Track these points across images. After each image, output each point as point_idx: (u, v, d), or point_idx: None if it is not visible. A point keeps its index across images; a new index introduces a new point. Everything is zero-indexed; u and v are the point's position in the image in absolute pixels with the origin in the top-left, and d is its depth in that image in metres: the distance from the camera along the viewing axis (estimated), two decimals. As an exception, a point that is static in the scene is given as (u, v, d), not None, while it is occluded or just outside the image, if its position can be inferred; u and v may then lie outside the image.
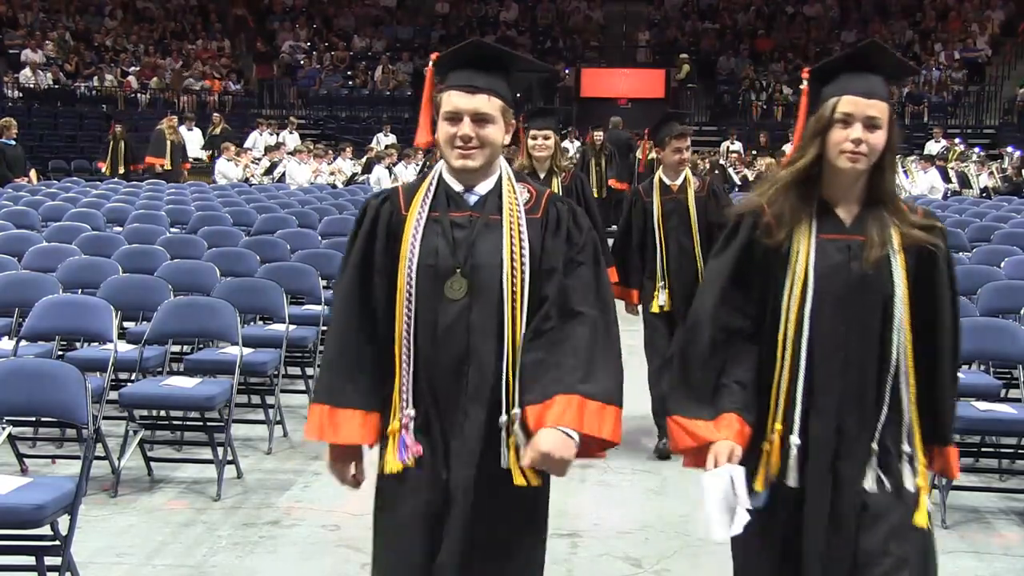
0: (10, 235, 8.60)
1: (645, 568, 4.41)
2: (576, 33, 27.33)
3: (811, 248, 2.54)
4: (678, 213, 5.94)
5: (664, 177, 6.01)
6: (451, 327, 2.57)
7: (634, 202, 6.11)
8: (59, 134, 22.20)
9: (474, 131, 2.59)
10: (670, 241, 5.94)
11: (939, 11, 27.02)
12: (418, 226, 2.62)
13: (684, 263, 5.90)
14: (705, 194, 5.97)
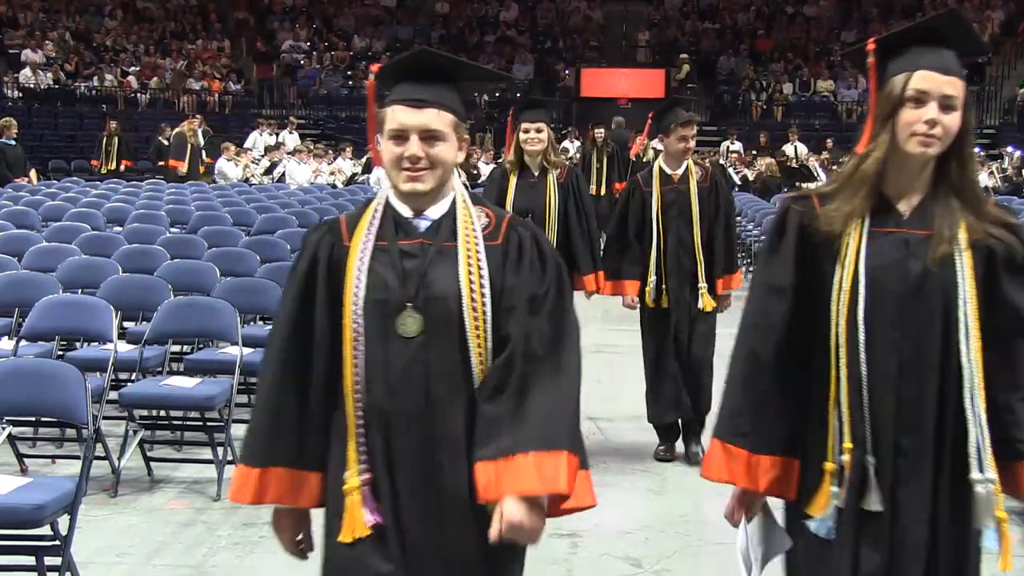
0: (10, 235, 8.60)
1: (645, 568, 4.41)
2: (576, 33, 27.33)
3: (862, 241, 2.26)
4: (679, 204, 5.66)
5: (665, 166, 5.73)
6: (406, 367, 2.29)
7: (632, 191, 5.80)
8: (59, 134, 22.21)
9: (423, 150, 2.32)
10: (669, 234, 5.66)
11: (939, 11, 26.98)
12: (363, 257, 2.34)
13: (683, 258, 5.65)
14: (708, 185, 5.70)
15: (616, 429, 6.34)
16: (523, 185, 5.69)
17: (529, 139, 5.64)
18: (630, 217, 5.73)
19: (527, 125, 5.63)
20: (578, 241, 5.72)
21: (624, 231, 5.76)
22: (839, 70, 25.46)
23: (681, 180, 5.70)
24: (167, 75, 24.72)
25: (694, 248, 5.65)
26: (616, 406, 6.73)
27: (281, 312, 2.44)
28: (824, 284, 2.29)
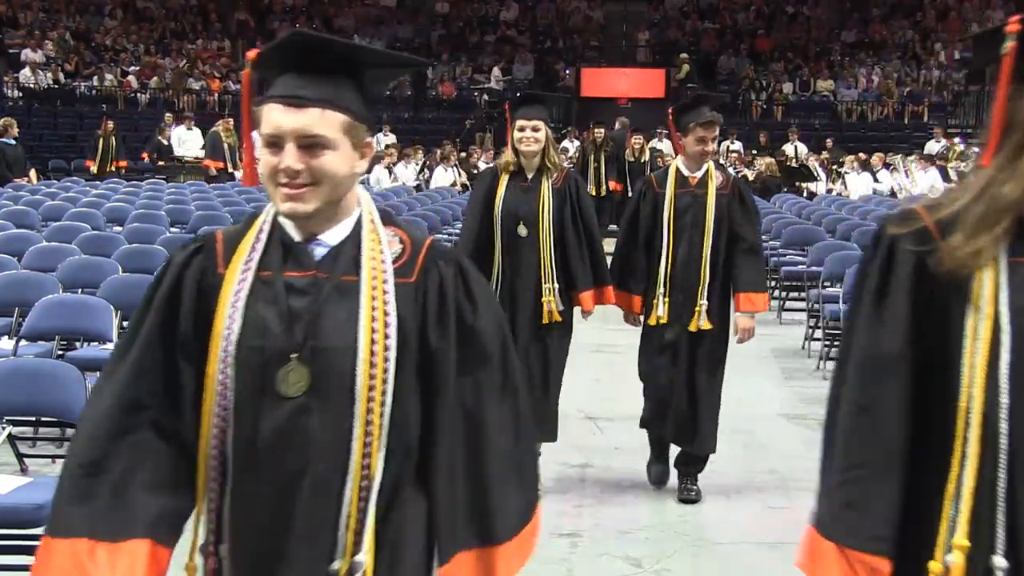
0: (10, 235, 8.60)
1: (645, 568, 4.41)
2: (576, 33, 27.33)
3: (1001, 276, 1.67)
4: (694, 210, 5.03)
5: (682, 167, 5.10)
6: (281, 436, 1.83)
7: (644, 192, 5.19)
8: (59, 134, 22.20)
9: (302, 161, 1.82)
10: (680, 241, 5.04)
11: (939, 11, 27.03)
12: (240, 290, 1.86)
13: (690, 269, 5.03)
14: (729, 193, 5.06)
15: (616, 428, 6.33)
16: (514, 188, 5.08)
17: (524, 138, 5.02)
18: (640, 221, 5.16)
19: (523, 123, 5.02)
20: (575, 255, 5.10)
21: (633, 236, 5.20)
22: (839, 70, 25.47)
23: (699, 184, 5.07)
24: (167, 75, 24.73)
25: (702, 261, 5.03)
26: (616, 405, 6.73)
27: (123, 351, 1.91)
28: (949, 336, 1.70)
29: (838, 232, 10.27)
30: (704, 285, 5.03)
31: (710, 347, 5.09)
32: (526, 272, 5.07)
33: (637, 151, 15.28)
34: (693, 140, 5.02)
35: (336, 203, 1.88)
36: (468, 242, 5.10)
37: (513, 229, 5.07)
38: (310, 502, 1.83)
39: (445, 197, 14.51)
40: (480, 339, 1.91)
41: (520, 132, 5.04)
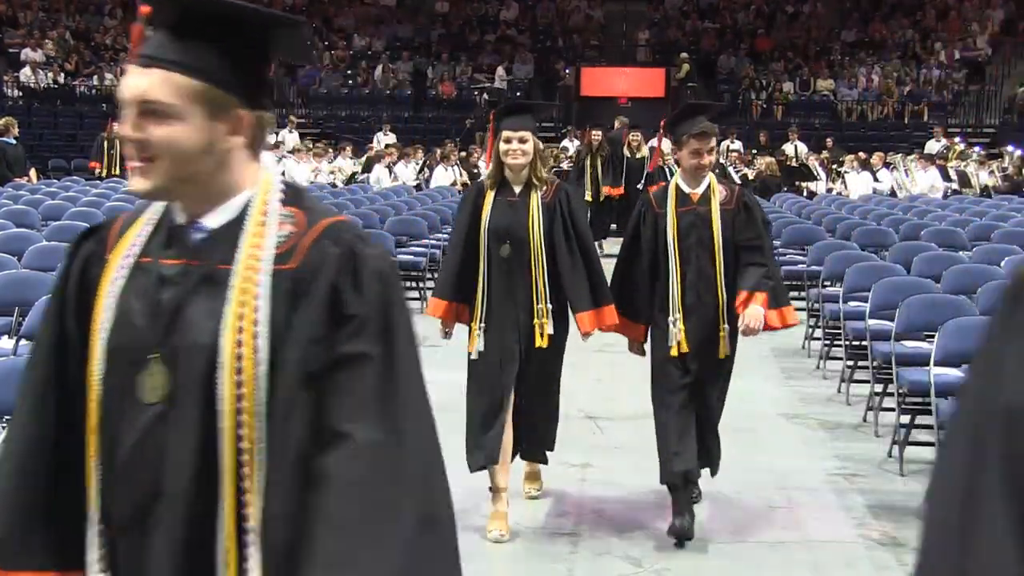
0: (10, 234, 8.60)
1: (645, 567, 4.41)
2: (576, 32, 27.33)
3: None
4: (698, 230, 4.64)
5: (682, 183, 4.70)
6: (136, 450, 1.57)
7: (643, 213, 4.78)
8: (59, 133, 22.22)
9: (140, 131, 1.58)
10: (687, 265, 4.64)
11: (939, 10, 27.03)
12: (117, 279, 1.63)
13: (703, 294, 4.63)
14: (733, 207, 4.67)
15: (616, 428, 6.33)
16: (501, 204, 4.68)
17: (511, 151, 4.61)
18: (642, 244, 4.77)
19: (508, 134, 4.61)
20: (568, 274, 4.67)
21: (634, 261, 4.82)
22: (839, 69, 25.47)
23: (701, 201, 4.68)
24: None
25: (716, 283, 4.62)
26: (616, 405, 6.73)
27: (35, 350, 1.77)
28: None
29: (838, 232, 10.27)
30: (723, 310, 4.62)
31: (725, 367, 4.74)
32: (513, 293, 4.66)
33: (635, 147, 14.70)
34: (688, 153, 4.64)
35: (198, 182, 1.60)
36: (454, 263, 4.75)
37: (496, 248, 4.66)
38: (167, 530, 1.54)
39: (445, 196, 14.50)
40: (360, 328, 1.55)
41: (506, 144, 4.63)
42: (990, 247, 8.82)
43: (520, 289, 4.65)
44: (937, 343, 5.39)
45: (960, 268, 7.41)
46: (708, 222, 4.64)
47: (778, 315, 4.73)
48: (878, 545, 4.66)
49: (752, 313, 4.57)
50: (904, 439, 5.69)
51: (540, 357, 4.71)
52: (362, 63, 26.21)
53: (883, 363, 6.20)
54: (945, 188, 16.46)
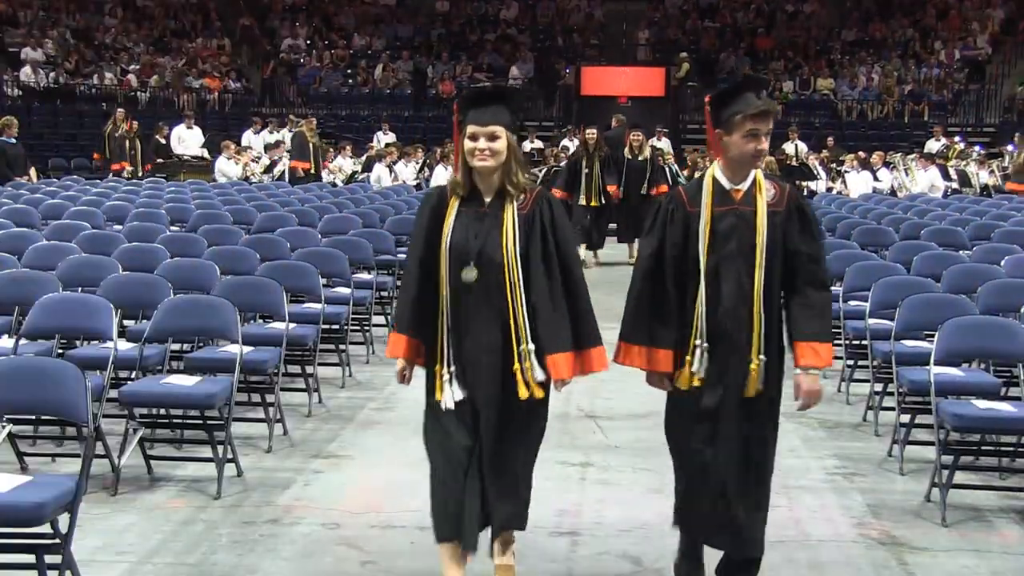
0: (10, 233, 8.61)
1: (645, 567, 4.40)
2: (576, 31, 27.33)
3: None
4: (739, 234, 3.72)
5: (722, 176, 3.80)
6: None
7: (671, 212, 3.83)
8: (59, 132, 22.22)
9: None
10: (723, 278, 3.73)
11: (939, 9, 27.02)
12: None
13: (739, 314, 3.71)
14: (784, 210, 3.76)
15: (616, 427, 6.33)
16: (468, 216, 3.76)
17: (477, 151, 3.69)
18: (667, 250, 3.80)
19: (475, 129, 3.69)
20: (544, 303, 3.72)
21: (658, 271, 3.81)
22: (839, 68, 25.46)
23: (745, 199, 3.76)
24: (167, 73, 24.72)
25: (753, 303, 3.72)
26: (616, 405, 6.73)
27: None
28: None
29: (838, 231, 10.26)
30: (760, 334, 3.73)
31: (765, 415, 3.80)
32: (480, 331, 3.73)
33: (636, 148, 13.77)
34: (741, 138, 3.69)
35: None
36: (414, 289, 3.80)
37: (459, 271, 3.74)
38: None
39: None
40: None
41: (471, 142, 3.70)
42: (990, 246, 8.81)
43: (490, 325, 3.71)
44: (937, 343, 5.38)
45: (960, 267, 7.41)
46: (752, 226, 3.72)
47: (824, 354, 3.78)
48: (878, 544, 4.66)
49: (808, 388, 3.75)
50: (904, 438, 5.69)
51: (521, 412, 3.74)
52: (362, 62, 26.21)
53: (883, 362, 6.20)
54: (945, 187, 16.45)
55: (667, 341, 3.81)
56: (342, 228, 9.73)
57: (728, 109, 3.73)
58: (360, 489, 5.34)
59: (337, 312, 7.30)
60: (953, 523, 4.89)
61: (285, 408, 6.32)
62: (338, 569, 4.35)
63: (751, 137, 3.69)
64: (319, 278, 7.23)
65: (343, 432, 6.27)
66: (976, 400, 5.25)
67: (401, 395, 6.90)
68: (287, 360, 6.41)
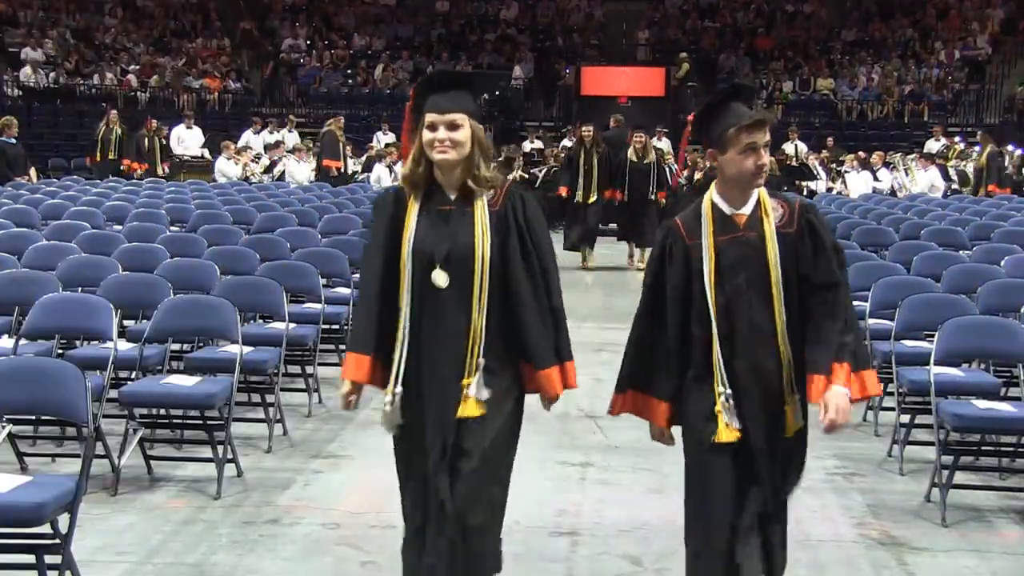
0: (10, 233, 8.60)
1: (645, 567, 4.40)
2: (576, 31, 27.34)
3: None
4: (748, 265, 3.28)
5: (721, 201, 3.33)
6: None
7: (668, 247, 3.37)
8: (59, 132, 22.22)
9: None
10: (734, 315, 3.28)
11: (939, 9, 27.02)
12: None
13: (759, 354, 3.28)
14: (795, 231, 3.30)
15: (616, 428, 6.33)
16: (430, 216, 3.33)
17: (437, 141, 3.26)
18: (669, 290, 3.37)
19: (434, 118, 3.26)
20: (530, 311, 3.33)
21: (657, 312, 3.40)
22: (839, 68, 25.46)
23: (750, 224, 3.31)
24: (167, 73, 24.72)
25: (775, 338, 3.28)
26: (616, 405, 6.72)
27: None
28: None
29: (838, 231, 10.25)
30: (791, 371, 3.30)
31: (792, 452, 3.39)
32: (449, 344, 3.29)
33: (640, 150, 13.24)
34: (738, 154, 3.25)
35: None
36: (374, 302, 3.36)
37: (426, 279, 3.29)
38: None
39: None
40: None
41: (430, 132, 3.26)
42: (990, 246, 8.81)
43: (460, 336, 3.29)
44: (937, 343, 5.38)
45: (960, 267, 7.41)
46: (762, 254, 3.28)
47: (858, 383, 3.37)
48: (878, 544, 4.66)
49: (836, 403, 3.26)
50: (904, 438, 5.69)
51: (475, 438, 3.27)
52: (362, 62, 26.21)
53: (883, 362, 6.19)
54: (945, 188, 16.46)
55: (662, 392, 3.39)
56: (342, 228, 9.73)
57: (718, 125, 3.31)
58: (360, 489, 5.35)
59: (337, 312, 7.30)
60: (953, 523, 4.89)
61: (285, 408, 6.31)
62: (338, 569, 4.35)
63: (749, 152, 3.24)
64: (319, 278, 7.24)
65: (343, 432, 6.27)
66: (976, 400, 5.25)
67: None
68: (287, 360, 6.42)
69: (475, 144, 3.32)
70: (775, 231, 3.31)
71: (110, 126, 18.02)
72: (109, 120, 18.14)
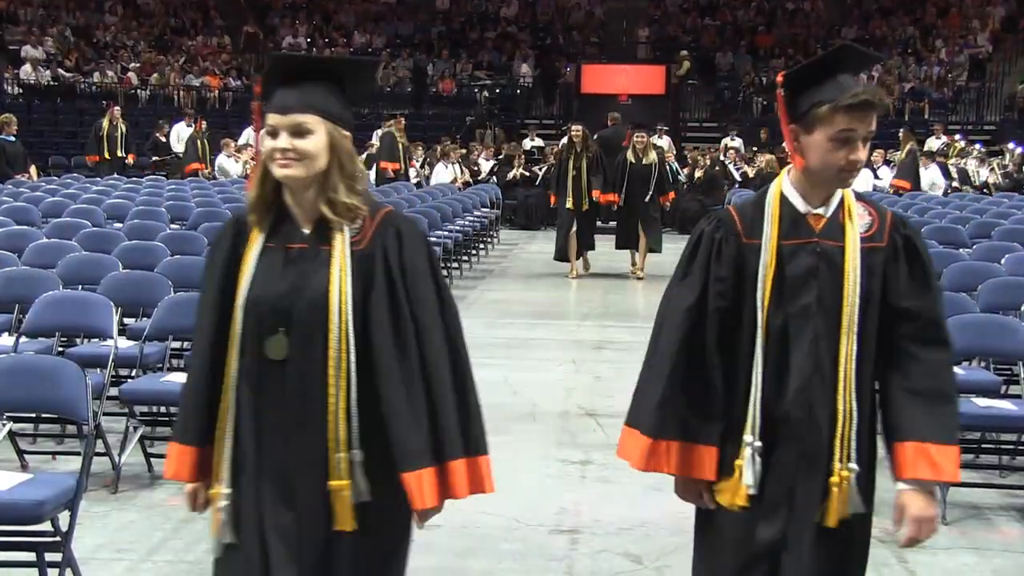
0: (10, 231, 8.61)
1: (645, 565, 4.41)
2: (576, 29, 27.33)
3: None
4: (820, 281, 2.54)
5: (794, 194, 2.60)
6: None
7: (718, 243, 2.61)
8: (59, 130, 22.22)
9: None
10: (793, 344, 2.54)
11: (940, 7, 27.02)
12: None
13: (817, 401, 2.51)
14: (886, 247, 2.57)
15: (616, 426, 6.32)
16: (276, 256, 2.45)
17: (278, 152, 2.38)
18: (711, 302, 2.59)
19: (275, 120, 2.40)
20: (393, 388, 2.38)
21: (696, 333, 2.58)
22: (840, 66, 25.42)
23: (828, 230, 2.57)
24: (167, 71, 24.72)
25: (839, 381, 2.51)
26: (616, 403, 6.72)
27: None
28: None
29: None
30: (848, 430, 2.51)
31: (846, 552, 2.58)
32: (292, 432, 2.40)
33: (640, 151, 12.32)
34: (827, 140, 2.49)
35: None
36: (199, 371, 2.49)
37: (261, 342, 2.41)
38: None
39: (446, 194, 14.54)
40: None
41: (271, 139, 2.39)
42: (990, 244, 8.81)
43: (307, 423, 2.39)
44: (937, 340, 5.36)
45: (961, 265, 7.41)
46: (839, 269, 2.54)
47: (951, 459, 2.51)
48: (878, 543, 4.64)
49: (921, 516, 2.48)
50: (904, 436, 5.68)
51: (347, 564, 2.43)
52: (362, 60, 26.21)
53: (883, 360, 6.18)
54: (946, 185, 16.46)
55: (710, 435, 2.58)
56: (342, 226, 9.72)
57: (809, 95, 2.53)
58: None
59: (337, 310, 7.28)
60: (953, 521, 4.89)
61: (285, 406, 6.30)
62: (338, 567, 4.34)
63: (841, 142, 2.48)
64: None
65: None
66: (976, 398, 5.25)
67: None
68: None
69: (333, 157, 2.42)
70: (859, 242, 2.56)
71: (113, 122, 17.99)
72: (112, 116, 18.11)
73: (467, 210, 13.94)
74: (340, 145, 2.43)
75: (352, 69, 2.58)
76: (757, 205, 2.64)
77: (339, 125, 2.44)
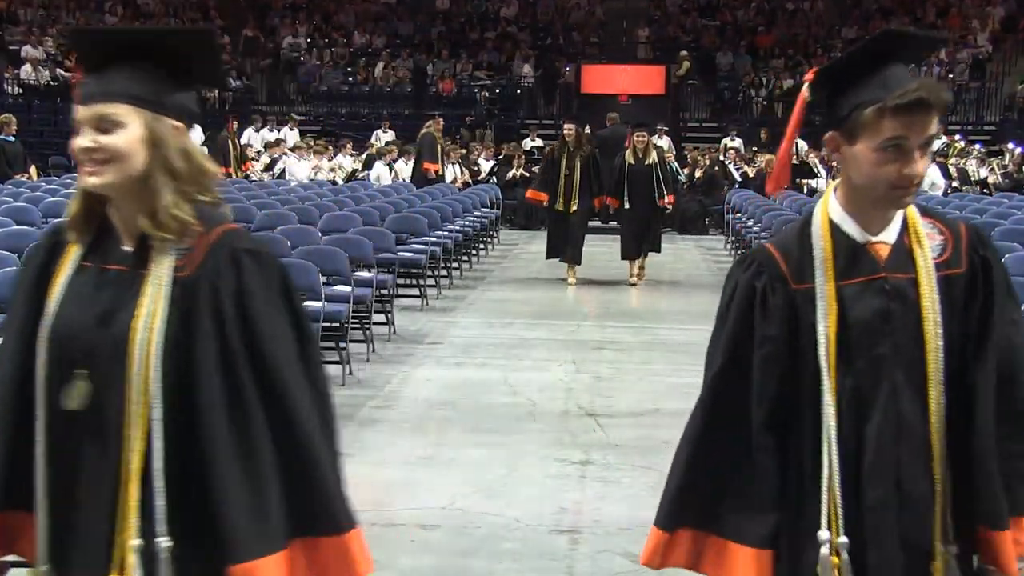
0: (10, 231, 8.60)
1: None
2: (576, 29, 27.34)
3: None
4: (895, 326, 2.01)
5: (845, 219, 2.09)
6: None
7: (761, 293, 2.07)
8: (59, 130, 22.19)
9: None
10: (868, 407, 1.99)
11: (940, 7, 27.04)
12: None
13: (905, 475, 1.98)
14: (965, 271, 2.05)
15: (616, 425, 6.34)
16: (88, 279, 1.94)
17: (83, 156, 1.94)
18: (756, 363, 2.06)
19: (79, 113, 1.97)
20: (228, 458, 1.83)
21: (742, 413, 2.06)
22: (839, 67, 25.45)
23: (895, 260, 2.05)
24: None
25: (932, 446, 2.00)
26: (617, 402, 6.73)
27: None
28: None
29: (838, 229, 10.26)
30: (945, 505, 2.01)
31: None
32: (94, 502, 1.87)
33: (641, 151, 11.92)
34: (873, 151, 1.99)
35: None
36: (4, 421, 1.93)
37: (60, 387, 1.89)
38: None
39: (446, 194, 14.53)
40: None
41: (80, 138, 1.96)
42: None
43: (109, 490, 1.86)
44: (937, 340, 5.35)
45: (960, 265, 7.39)
46: (915, 309, 2.02)
47: None
48: None
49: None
50: (904, 436, 5.68)
51: None
52: (362, 60, 26.22)
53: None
54: (945, 185, 16.47)
55: (758, 534, 2.05)
56: (342, 226, 9.73)
57: (849, 96, 2.07)
58: (360, 487, 5.33)
59: (337, 310, 7.31)
60: (953, 521, 4.88)
61: (285, 406, 6.30)
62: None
63: (891, 151, 1.96)
64: (319, 276, 7.24)
65: (343, 430, 6.21)
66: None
67: (402, 393, 6.89)
68: (287, 358, 6.38)
69: (155, 155, 1.89)
70: (933, 273, 2.02)
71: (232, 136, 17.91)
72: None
73: (467, 210, 13.93)
74: (163, 139, 1.89)
75: (182, 42, 1.99)
76: (801, 237, 2.12)
77: (162, 114, 1.90)
